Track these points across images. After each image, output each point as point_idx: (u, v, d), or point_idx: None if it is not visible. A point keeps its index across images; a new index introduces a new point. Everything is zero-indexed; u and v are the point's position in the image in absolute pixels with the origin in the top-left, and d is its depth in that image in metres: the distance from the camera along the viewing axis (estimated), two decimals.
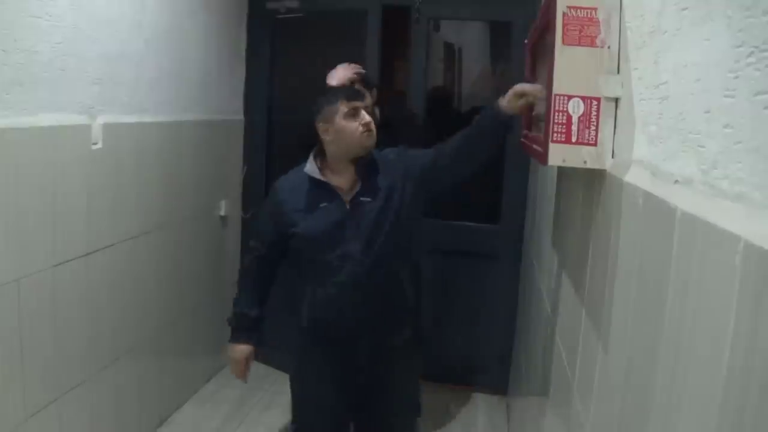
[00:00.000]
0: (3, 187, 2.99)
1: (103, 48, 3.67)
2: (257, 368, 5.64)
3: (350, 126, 3.07)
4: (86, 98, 3.56)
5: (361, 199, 3.12)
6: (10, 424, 3.14)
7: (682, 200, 1.11)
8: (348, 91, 3.22)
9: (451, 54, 6.66)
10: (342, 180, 3.17)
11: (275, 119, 5.71)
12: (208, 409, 4.62)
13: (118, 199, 2.76)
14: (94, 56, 3.61)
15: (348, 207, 3.12)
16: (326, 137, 3.13)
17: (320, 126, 3.14)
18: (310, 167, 3.19)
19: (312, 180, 3.17)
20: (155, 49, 4.21)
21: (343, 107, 3.08)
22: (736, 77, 0.97)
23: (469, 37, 6.93)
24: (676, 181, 1.19)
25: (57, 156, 3.25)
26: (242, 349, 3.38)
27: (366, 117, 3.09)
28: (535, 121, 2.53)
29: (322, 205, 3.13)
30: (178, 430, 3.12)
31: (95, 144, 3.61)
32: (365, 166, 3.16)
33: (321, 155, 3.22)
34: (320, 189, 3.16)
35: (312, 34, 5.72)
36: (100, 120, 3.65)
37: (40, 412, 3.35)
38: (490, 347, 5.43)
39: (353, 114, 3.08)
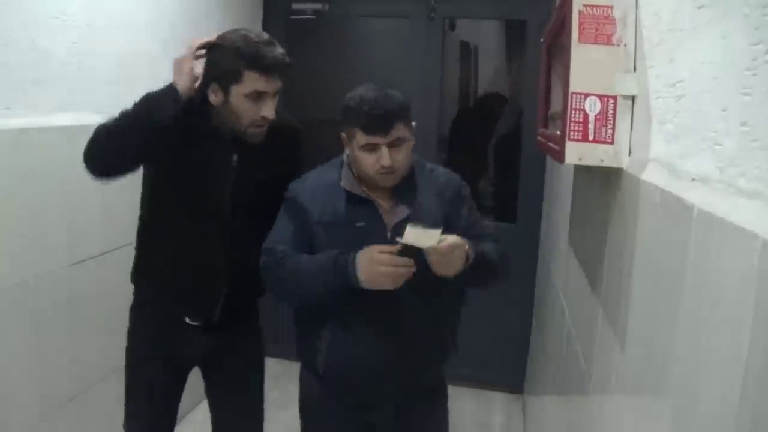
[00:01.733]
0: (20, 186, 3.01)
1: (119, 48, 3.68)
2: (273, 365, 5.67)
3: (367, 161, 2.54)
4: (102, 98, 3.57)
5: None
6: (27, 423, 3.16)
7: (699, 198, 1.11)
8: (368, 121, 2.49)
9: (467, 53, 6.64)
10: (382, 197, 2.64)
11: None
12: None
13: (134, 198, 2.77)
14: (111, 56, 3.63)
15: (389, 233, 2.56)
16: (348, 151, 2.66)
17: (342, 137, 2.64)
18: (346, 180, 2.65)
19: (348, 193, 2.63)
20: (171, 49, 4.21)
21: (360, 138, 2.52)
22: (754, 75, 0.97)
23: (485, 36, 6.92)
24: (693, 179, 1.19)
25: (74, 155, 3.25)
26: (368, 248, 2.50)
27: (386, 158, 2.50)
28: (551, 119, 2.53)
29: (359, 224, 2.59)
30: (194, 428, 3.11)
31: None
32: (410, 185, 2.66)
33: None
34: (358, 205, 2.61)
35: (327, 35, 5.74)
36: None
37: (57, 410, 3.36)
38: (506, 346, 5.42)
39: (371, 149, 2.52)
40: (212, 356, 2.98)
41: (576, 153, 1.79)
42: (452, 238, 2.37)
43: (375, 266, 2.40)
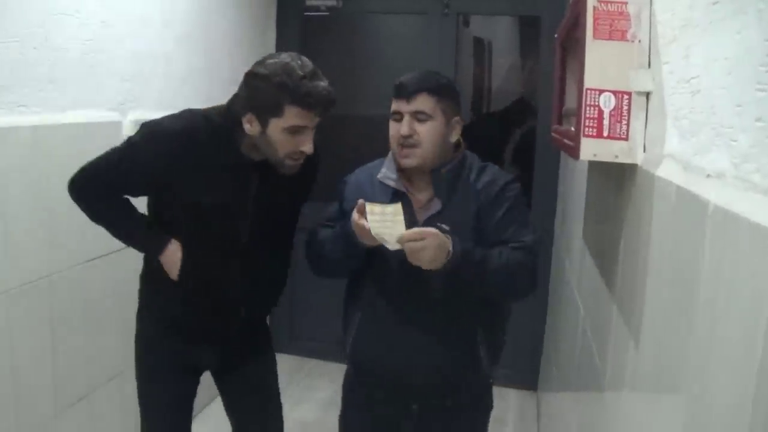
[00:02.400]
0: (36, 183, 3.02)
1: (133, 45, 3.69)
2: (289, 361, 5.68)
3: (391, 132, 2.58)
4: (117, 95, 3.58)
5: (440, 225, 2.42)
6: (41, 419, 3.17)
7: (715, 194, 1.10)
8: (397, 86, 2.58)
9: (481, 49, 6.64)
10: (419, 191, 2.64)
11: None
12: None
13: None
14: (125, 53, 3.64)
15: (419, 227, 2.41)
16: None
17: None
18: (386, 171, 2.65)
19: (384, 186, 2.64)
20: (185, 46, 4.23)
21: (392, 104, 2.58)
22: None
23: (499, 32, 6.91)
24: (708, 175, 1.18)
25: (89, 152, 3.26)
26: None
27: (405, 126, 2.53)
28: (566, 116, 2.53)
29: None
30: (208, 424, 3.12)
31: None
32: (450, 181, 2.60)
33: None
34: (393, 197, 2.58)
35: (341, 31, 5.75)
36: (131, 116, 3.68)
37: (71, 407, 3.38)
38: (520, 343, 5.42)
39: (397, 119, 2.56)
40: (226, 363, 2.98)
41: (590, 149, 1.78)
42: (427, 230, 2.31)
43: (355, 223, 2.42)
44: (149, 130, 2.62)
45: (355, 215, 2.42)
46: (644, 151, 1.74)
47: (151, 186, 2.70)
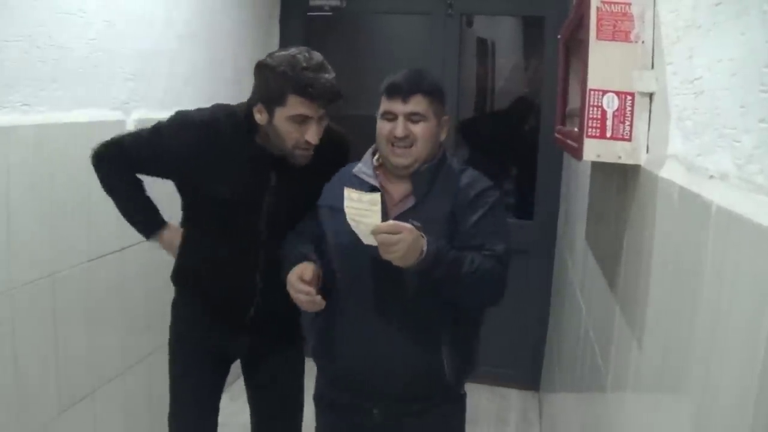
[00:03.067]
0: (39, 182, 3.02)
1: (137, 44, 3.69)
2: None
3: (382, 131, 2.57)
4: (120, 94, 3.58)
5: (412, 222, 2.34)
6: (44, 418, 3.17)
7: (718, 195, 1.11)
8: (390, 85, 2.59)
9: (484, 49, 6.65)
10: (395, 188, 2.60)
11: None
12: (241, 403, 4.63)
13: (153, 193, 2.78)
14: (128, 52, 3.64)
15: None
16: None
17: None
18: (362, 166, 2.64)
19: (359, 180, 2.58)
20: (188, 45, 4.23)
21: (383, 105, 2.59)
22: None
23: (503, 33, 6.91)
24: (712, 176, 1.19)
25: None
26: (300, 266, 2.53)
27: (400, 128, 2.51)
28: (569, 116, 2.53)
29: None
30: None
31: None
32: (428, 179, 2.56)
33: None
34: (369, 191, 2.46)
35: (345, 31, 5.75)
36: (135, 115, 3.68)
37: (74, 406, 3.38)
38: (523, 343, 5.42)
39: (390, 118, 2.56)
40: (254, 353, 3.03)
41: (594, 150, 1.79)
42: (403, 225, 2.25)
43: (291, 287, 2.48)
44: (178, 119, 2.73)
45: (289, 281, 2.50)
46: (647, 151, 1.74)
47: (172, 172, 2.82)
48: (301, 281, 2.46)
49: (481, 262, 2.38)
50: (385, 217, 2.35)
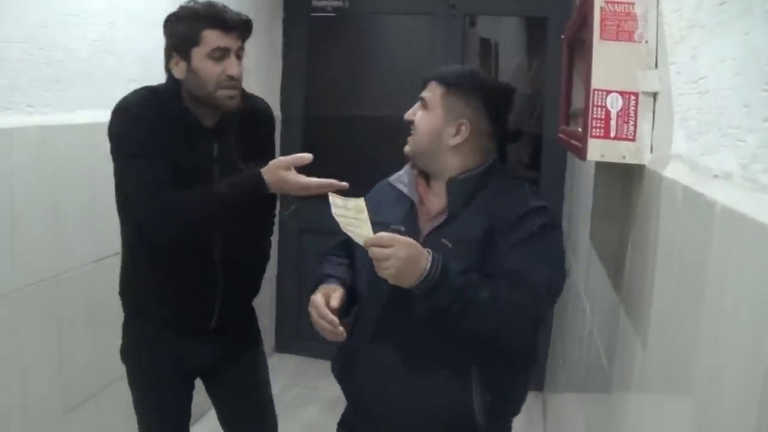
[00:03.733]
0: (42, 184, 3.03)
1: (140, 46, 3.70)
2: (294, 361, 5.68)
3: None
4: (124, 95, 3.59)
5: (442, 240, 2.18)
6: (49, 419, 3.18)
7: (722, 195, 1.10)
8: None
9: (487, 49, 6.64)
10: (434, 200, 2.33)
11: (312, 115, 5.72)
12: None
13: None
14: (131, 54, 3.64)
15: (420, 241, 2.12)
16: None
17: None
18: (401, 174, 2.43)
19: (397, 191, 2.39)
20: None
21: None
22: None
23: (505, 33, 6.91)
24: (716, 176, 1.18)
25: (95, 153, 3.27)
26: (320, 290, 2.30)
27: (411, 112, 2.33)
28: (573, 116, 2.53)
29: (394, 226, 2.24)
30: (214, 426, 3.12)
31: None
32: (467, 191, 2.26)
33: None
34: (403, 204, 2.35)
35: (348, 32, 5.76)
36: None
37: (78, 407, 3.38)
38: None
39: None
40: (215, 365, 2.90)
41: (598, 150, 1.78)
42: (400, 238, 2.01)
43: (314, 309, 2.22)
44: (118, 111, 2.62)
45: (314, 303, 2.23)
46: (651, 151, 1.74)
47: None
48: (327, 307, 2.20)
49: (507, 290, 2.05)
50: (415, 233, 2.21)
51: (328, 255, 2.52)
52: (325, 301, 2.22)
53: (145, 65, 3.75)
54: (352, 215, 2.10)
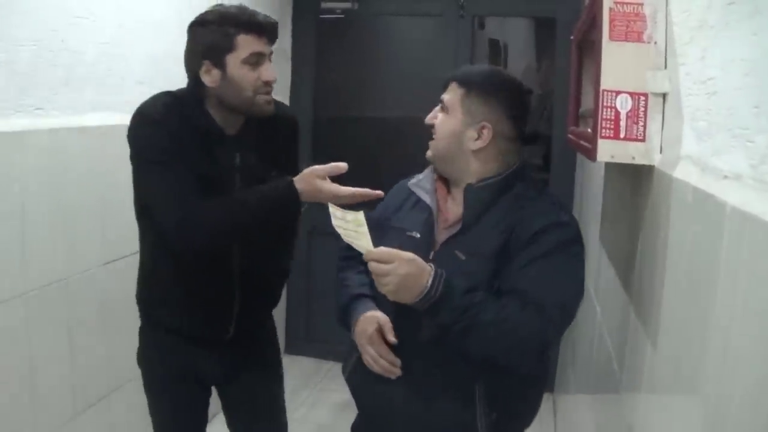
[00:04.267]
0: (52, 186, 3.03)
1: (149, 48, 3.70)
2: (305, 363, 5.68)
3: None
4: (133, 98, 3.56)
5: (456, 252, 2.11)
6: (59, 422, 3.18)
7: (732, 195, 1.10)
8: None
9: (496, 51, 6.64)
10: (453, 207, 2.23)
11: (320, 117, 5.72)
12: None
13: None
14: (140, 56, 3.64)
15: (434, 252, 2.15)
16: None
17: None
18: (422, 178, 2.32)
19: (416, 196, 2.30)
20: None
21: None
22: None
23: (514, 34, 6.91)
24: (726, 177, 1.18)
25: (105, 155, 3.28)
26: (368, 318, 2.22)
27: (431, 116, 2.23)
28: (582, 117, 2.53)
29: (410, 233, 2.21)
30: (224, 429, 3.12)
31: None
32: (485, 201, 2.14)
33: None
34: (420, 210, 2.27)
35: (357, 34, 5.76)
36: None
37: (89, 409, 3.39)
38: None
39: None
40: (229, 375, 2.86)
41: (607, 151, 1.78)
42: (400, 254, 1.96)
43: (364, 347, 2.18)
44: (138, 117, 2.54)
45: (371, 334, 2.17)
46: (661, 152, 1.74)
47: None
48: (382, 343, 2.16)
49: (515, 312, 1.96)
50: (430, 242, 2.17)
51: (347, 258, 2.43)
52: (379, 337, 2.16)
53: (154, 67, 3.76)
54: (351, 228, 2.04)
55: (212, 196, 2.44)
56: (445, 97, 2.18)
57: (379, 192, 2.33)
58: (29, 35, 2.86)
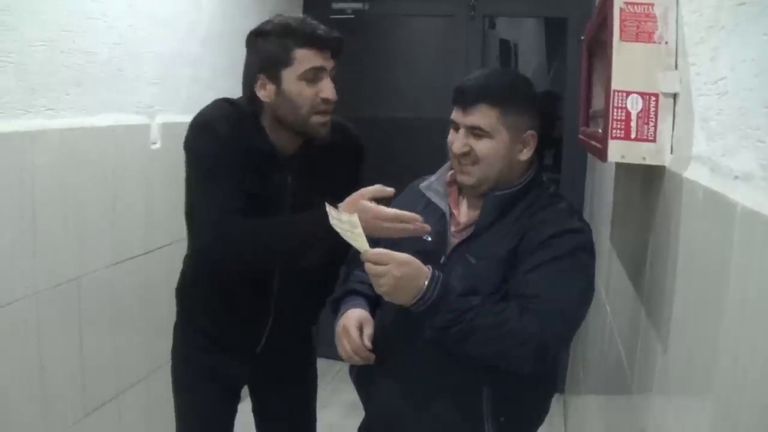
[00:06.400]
0: (64, 186, 3.04)
1: (160, 48, 3.71)
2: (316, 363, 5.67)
3: (450, 144, 2.16)
4: (144, 98, 3.60)
5: (467, 256, 2.11)
6: (69, 421, 3.19)
7: (743, 196, 1.10)
8: (454, 93, 2.16)
9: (507, 51, 6.64)
10: (466, 211, 2.23)
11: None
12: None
13: (177, 198, 2.73)
14: (152, 56, 3.66)
15: (445, 256, 2.15)
16: None
17: None
18: (434, 181, 2.27)
19: (425, 197, 2.27)
20: (210, 49, 4.24)
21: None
22: None
23: (525, 34, 6.91)
24: (736, 177, 1.18)
25: (117, 155, 3.29)
26: (350, 315, 2.25)
27: (459, 142, 2.12)
28: (593, 118, 2.52)
29: (426, 236, 2.17)
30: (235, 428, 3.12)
31: (154, 144, 3.67)
32: (500, 207, 2.13)
33: None
34: (433, 214, 2.23)
35: (368, 34, 5.76)
36: (159, 120, 3.70)
37: (99, 408, 3.40)
38: None
39: (453, 128, 2.16)
40: (259, 381, 2.88)
41: (618, 151, 1.78)
42: (397, 255, 1.96)
43: (340, 341, 2.22)
44: (196, 126, 2.44)
45: (350, 328, 2.19)
46: (672, 152, 1.73)
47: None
48: (360, 337, 2.17)
49: (515, 317, 1.95)
50: (442, 245, 2.16)
51: (356, 256, 2.26)
52: (357, 334, 2.17)
53: (166, 67, 3.77)
54: (347, 228, 2.04)
55: (259, 217, 2.37)
56: (480, 122, 2.07)
57: (418, 217, 2.18)
58: (41, 36, 2.87)
